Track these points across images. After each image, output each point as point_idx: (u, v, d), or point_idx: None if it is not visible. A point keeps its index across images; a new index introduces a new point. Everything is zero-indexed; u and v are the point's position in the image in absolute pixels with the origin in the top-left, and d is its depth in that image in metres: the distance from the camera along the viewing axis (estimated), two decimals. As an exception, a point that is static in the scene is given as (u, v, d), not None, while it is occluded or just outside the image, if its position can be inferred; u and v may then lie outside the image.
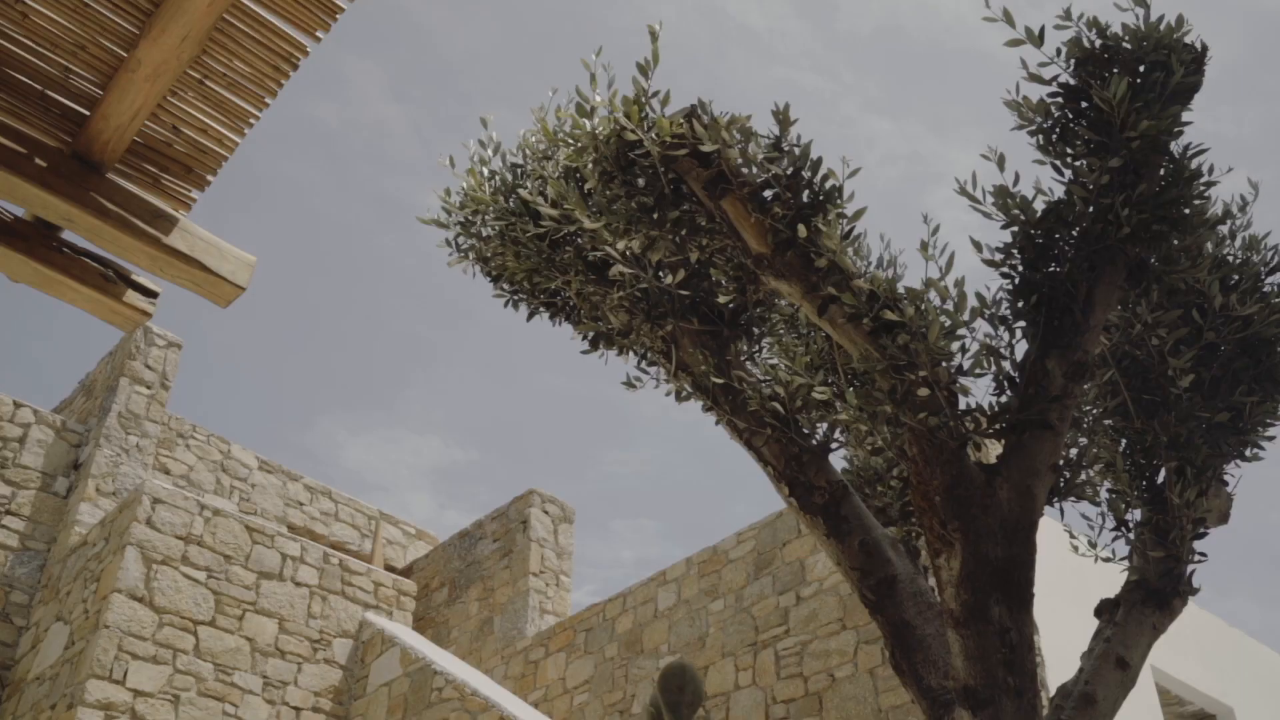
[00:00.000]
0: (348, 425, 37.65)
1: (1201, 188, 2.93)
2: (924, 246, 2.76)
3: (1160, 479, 3.36)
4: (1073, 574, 5.54)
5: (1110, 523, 3.30)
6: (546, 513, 13.58)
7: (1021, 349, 2.96)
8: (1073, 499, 3.17)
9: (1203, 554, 3.32)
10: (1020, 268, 2.90)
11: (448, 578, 14.14)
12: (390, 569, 14.34)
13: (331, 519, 13.92)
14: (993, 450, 2.90)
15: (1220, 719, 9.57)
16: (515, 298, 3.84)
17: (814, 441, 3.34)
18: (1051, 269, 2.88)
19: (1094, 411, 3.31)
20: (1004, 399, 2.93)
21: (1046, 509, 2.92)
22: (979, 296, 2.95)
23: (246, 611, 10.02)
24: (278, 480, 13.44)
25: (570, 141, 3.14)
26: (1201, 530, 3.31)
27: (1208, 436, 3.18)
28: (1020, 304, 2.91)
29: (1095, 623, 3.34)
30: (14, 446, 11.11)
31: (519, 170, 3.69)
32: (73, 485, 11.33)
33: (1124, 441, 3.35)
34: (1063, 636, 7.54)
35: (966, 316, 2.70)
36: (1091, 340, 2.86)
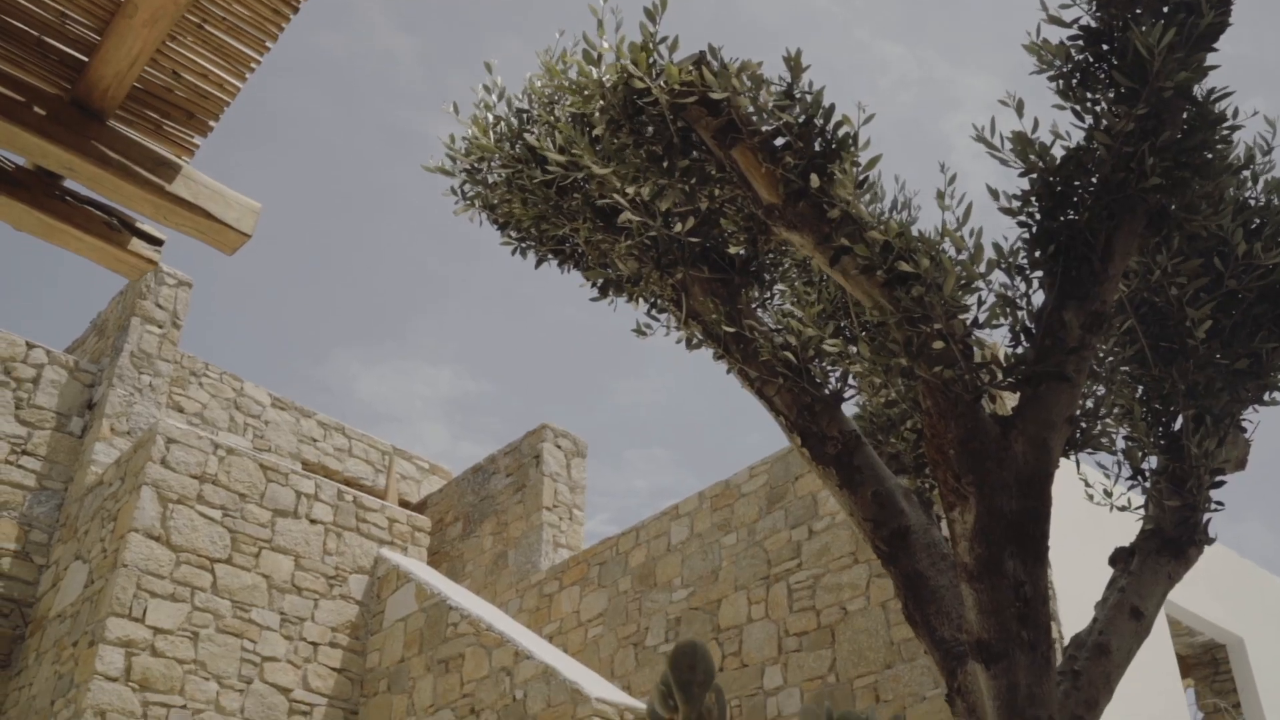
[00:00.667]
0: (361, 358, 37.75)
1: (1225, 131, 2.85)
2: (940, 196, 2.70)
3: (1177, 425, 3.32)
4: (1088, 522, 5.53)
5: (1126, 471, 3.27)
6: (559, 447, 13.61)
7: (1038, 299, 2.91)
8: (1089, 451, 3.13)
9: (1219, 503, 3.29)
10: (1038, 216, 2.84)
11: (461, 512, 14.22)
12: (404, 504, 14.43)
13: (345, 455, 13.98)
14: (1008, 401, 2.86)
15: (1230, 649, 9.62)
16: (523, 245, 3.79)
17: (826, 391, 3.30)
18: (1070, 217, 2.82)
19: (1110, 359, 3.26)
20: (1020, 350, 2.88)
21: (1062, 460, 2.89)
22: (995, 247, 2.89)
23: (263, 549, 10.10)
24: (291, 417, 13.48)
25: (577, 89, 3.07)
26: (1219, 479, 3.27)
27: (1226, 383, 3.13)
28: (1037, 253, 2.86)
29: (1110, 571, 3.32)
30: (28, 387, 11.14)
31: (525, 116, 3.62)
32: (87, 425, 11.38)
33: (1141, 389, 3.30)
34: (1077, 585, 7.56)
35: (983, 268, 2.64)
36: (1109, 290, 2.80)
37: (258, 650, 9.75)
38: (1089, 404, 3.17)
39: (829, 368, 3.40)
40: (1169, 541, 3.22)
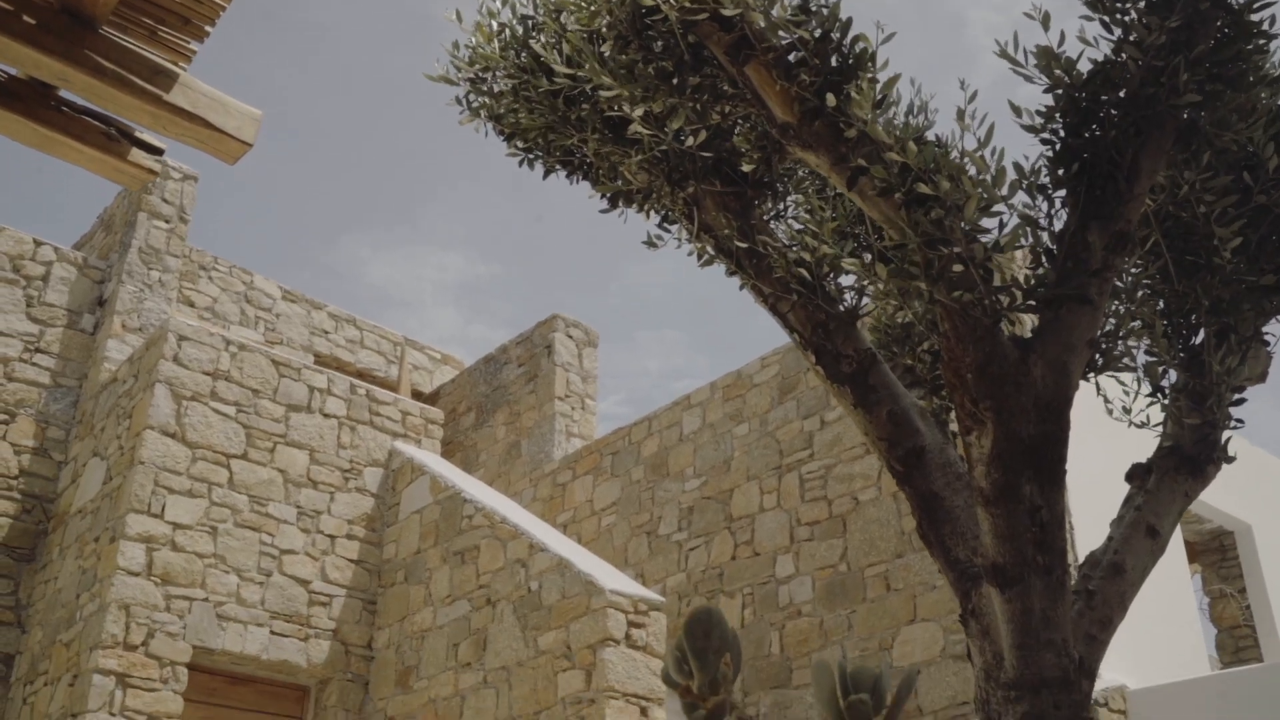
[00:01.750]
0: (371, 243, 37.60)
1: (1261, 42, 2.73)
2: (960, 115, 2.60)
3: (1199, 339, 3.27)
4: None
5: (1146, 388, 3.22)
6: (570, 337, 13.60)
7: (1060, 220, 2.82)
8: (1110, 373, 3.08)
9: (1239, 420, 3.25)
10: (1062, 133, 2.74)
11: (474, 402, 14.28)
12: (417, 394, 14.49)
13: (357, 346, 14.00)
14: (1028, 323, 2.80)
15: (1238, 536, 9.69)
16: (530, 156, 3.69)
17: (841, 308, 3.24)
18: (1095, 133, 2.72)
19: (1132, 276, 3.19)
20: (1040, 272, 2.81)
21: (1081, 383, 2.84)
22: (1016, 166, 2.79)
23: (277, 444, 10.17)
24: (302, 309, 13.46)
25: (582, 5, 2.95)
26: (1239, 397, 3.23)
27: (1251, 299, 3.07)
28: (1060, 171, 2.77)
29: (1125, 489, 3.30)
30: (38, 285, 11.12)
31: (530, 23, 3.50)
32: (99, 322, 11.38)
33: (1162, 303, 3.24)
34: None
35: (1004, 191, 2.56)
36: (1134, 209, 2.72)
37: (276, 544, 9.88)
38: (1110, 324, 3.11)
39: (844, 285, 3.34)
40: (1187, 459, 3.19)
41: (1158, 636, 7.61)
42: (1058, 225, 2.81)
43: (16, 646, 10.21)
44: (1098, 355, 3.02)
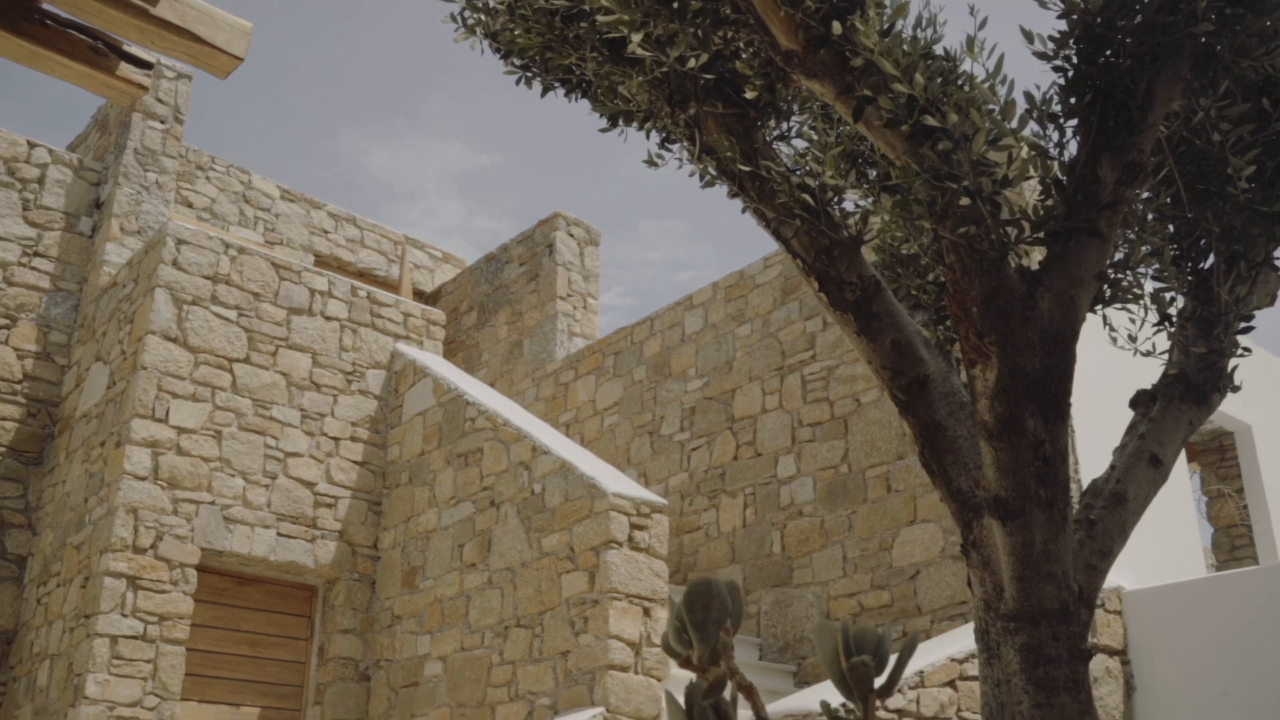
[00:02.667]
0: (372, 134, 37.17)
1: (1284, -37, 2.63)
2: (970, 44, 2.52)
3: (1208, 263, 3.22)
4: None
5: (1153, 317, 3.18)
6: (572, 235, 13.50)
7: (1071, 150, 2.75)
8: (1117, 305, 3.03)
9: (1246, 349, 3.21)
10: (1075, 60, 2.66)
11: (476, 301, 14.25)
12: (418, 294, 14.45)
13: (358, 245, 13.91)
14: (1035, 254, 2.75)
15: (1238, 436, 9.73)
16: (527, 74, 3.60)
17: (845, 234, 3.19)
18: (1109, 60, 2.63)
19: (1143, 204, 3.12)
20: (1050, 203, 2.75)
21: (1089, 315, 2.81)
22: (1027, 96, 2.71)
23: (279, 347, 10.17)
24: (301, 209, 13.35)
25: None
26: (1247, 326, 3.19)
27: (1264, 227, 3.01)
28: (1073, 100, 2.69)
29: (1129, 415, 3.28)
30: (33, 188, 11.00)
31: (526, -64, 3.38)
32: (97, 225, 11.29)
33: (1172, 228, 3.18)
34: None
35: (1014, 124, 2.49)
36: (1148, 139, 2.65)
37: (280, 447, 9.94)
38: (1120, 254, 3.05)
39: (848, 210, 3.27)
40: (1192, 387, 3.17)
41: (1155, 537, 7.68)
42: (1068, 155, 2.74)
43: (28, 548, 10.34)
44: (1106, 287, 2.97)
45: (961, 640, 6.80)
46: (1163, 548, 8.06)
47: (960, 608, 8.30)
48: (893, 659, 1.76)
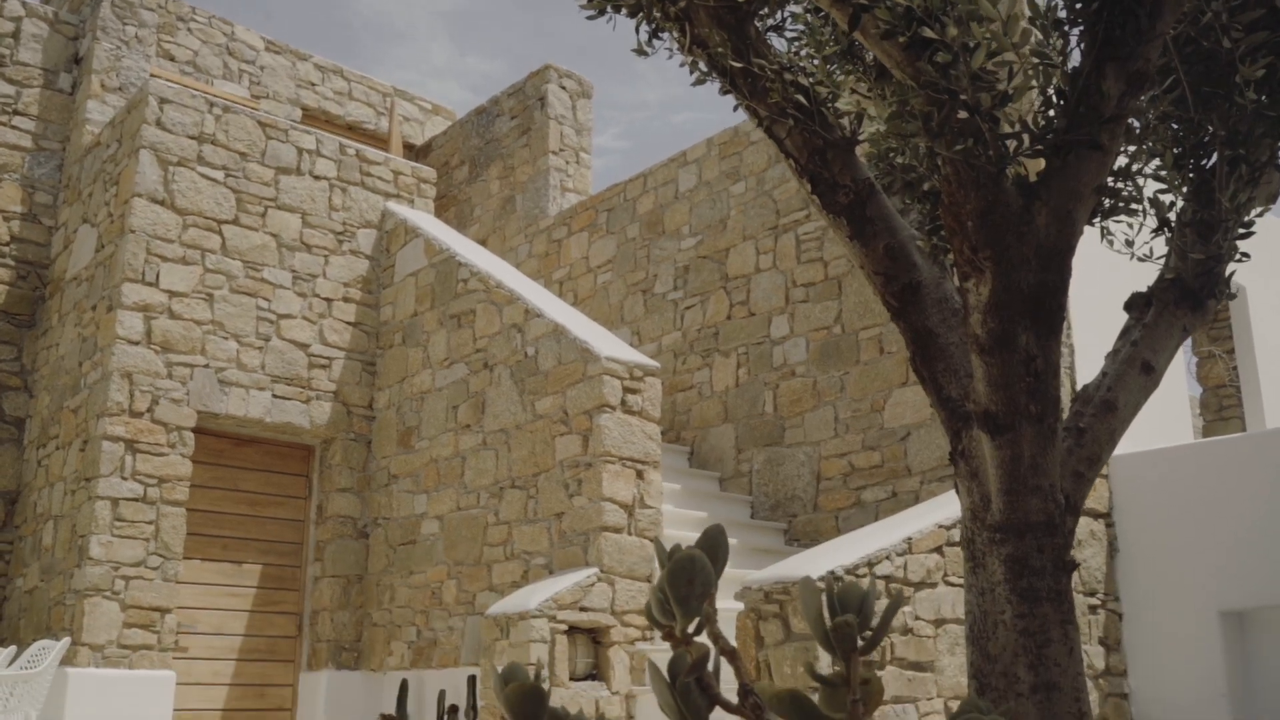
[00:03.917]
0: (354, -26, 36.10)
1: None
2: (974, -49, 2.40)
3: (1210, 163, 3.14)
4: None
5: (1151, 222, 3.12)
6: (564, 88, 13.22)
7: (1075, 60, 2.65)
8: (1116, 219, 2.97)
9: (1245, 254, 3.17)
10: (1081, -36, 2.54)
11: (467, 155, 14.03)
12: (408, 147, 14.21)
13: (345, 98, 13.62)
14: (1034, 167, 2.68)
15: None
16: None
17: (839, 135, 3.10)
18: (1117, -36, 2.52)
19: (1149, 111, 3.02)
20: (1051, 113, 2.66)
21: (1086, 227, 2.75)
22: (1031, 3, 2.60)
23: (268, 208, 10.04)
24: (287, 61, 13.01)
25: None
26: (1248, 232, 3.13)
27: (1269, 130, 2.93)
28: (1078, 5, 2.58)
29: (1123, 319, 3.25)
30: (9, 43, 10.69)
31: None
32: (76, 81, 11.02)
33: (1175, 127, 3.09)
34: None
35: (1016, 38, 2.39)
36: (1154, 49, 2.55)
37: (273, 309, 9.91)
38: (1121, 162, 2.97)
39: (842, 110, 3.18)
40: (1188, 292, 3.13)
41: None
42: (1072, 65, 2.64)
43: (26, 411, 10.41)
44: (1105, 200, 2.90)
45: (949, 506, 6.90)
46: (1150, 410, 8.12)
47: (950, 469, 8.41)
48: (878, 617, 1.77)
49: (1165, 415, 8.02)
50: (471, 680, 7.48)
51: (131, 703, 8.42)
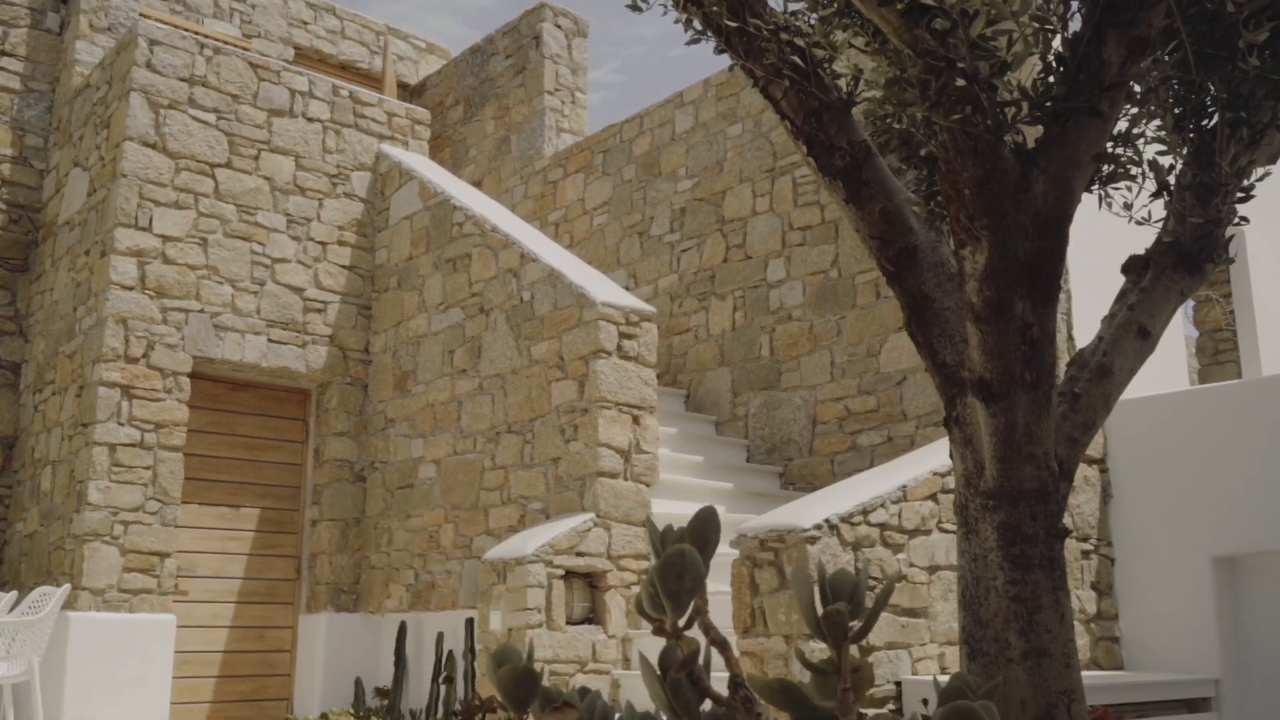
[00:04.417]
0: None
1: None
2: (973, -85, 2.34)
3: (1211, 123, 3.10)
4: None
5: (1151, 185, 3.09)
6: (559, 27, 13.05)
7: (1076, 25, 2.60)
8: (1115, 186, 2.93)
9: (1244, 218, 3.14)
10: (1084, -72, 2.48)
11: (462, 95, 13.89)
12: (402, 87, 14.06)
13: (338, 37, 13.45)
14: (1032, 134, 2.64)
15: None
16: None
17: (836, 96, 3.06)
18: (1120, -73, 2.46)
19: (1151, 74, 2.98)
20: (1051, 80, 2.62)
21: (1085, 194, 2.72)
22: (1032, -32, 2.55)
23: (261, 151, 9.96)
24: (277, -1, 12.82)
25: None
26: (1248, 195, 3.10)
27: (1271, 93, 2.89)
28: (1080, -31, 2.53)
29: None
30: (-7, -19, 10.53)
31: None
32: (64, 21, 10.86)
33: (1176, 85, 3.05)
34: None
35: (1016, 6, 2.34)
36: (1156, 14, 2.51)
37: (267, 253, 9.87)
38: (1120, 127, 2.93)
39: (839, 72, 3.13)
40: (1186, 256, 3.11)
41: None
42: (1072, 30, 2.59)
43: (21, 355, 10.39)
44: (1104, 166, 2.87)
45: (943, 453, 6.92)
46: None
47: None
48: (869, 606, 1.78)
49: (1161, 360, 8.02)
50: (469, 623, 7.58)
51: (133, 646, 8.50)
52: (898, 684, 6.02)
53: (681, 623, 1.59)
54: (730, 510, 8.74)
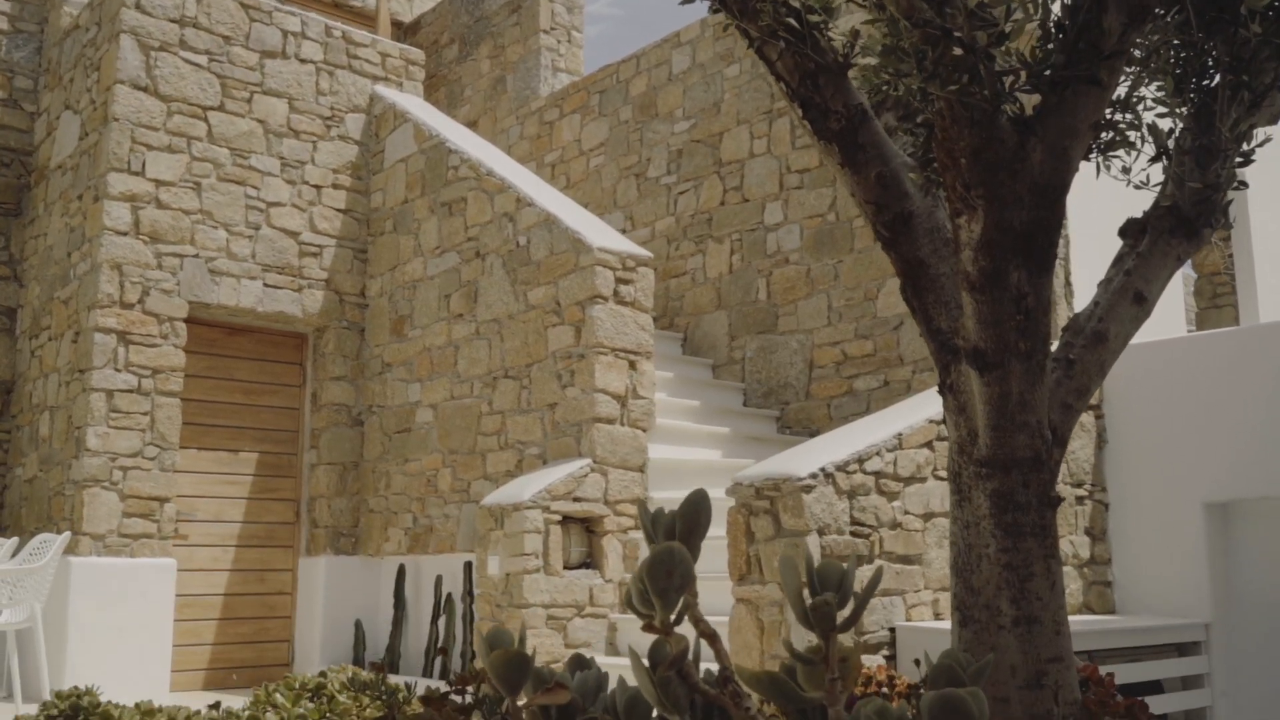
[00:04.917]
0: None
1: None
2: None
3: (1213, 83, 3.06)
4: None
5: (1150, 150, 3.05)
6: (554, -37, 12.86)
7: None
8: (1114, 155, 2.90)
9: (1243, 182, 3.11)
10: (1086, -107, 2.43)
11: (457, 34, 13.72)
12: (396, 25, 13.89)
13: (330, -27, 13.23)
14: (1030, 102, 2.61)
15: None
16: None
17: (832, 59, 3.01)
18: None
19: (1153, 38, 2.93)
20: (1050, 47, 2.58)
21: (1083, 163, 2.69)
22: (1031, -67, 2.50)
23: (254, 93, 9.85)
24: (267, -66, 12.60)
25: None
26: (1248, 159, 3.07)
27: (1272, 51, 2.85)
28: (1081, -66, 2.48)
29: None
30: (-22, -80, 10.33)
31: None
32: (50, -41, 10.68)
33: (1177, 43, 3.00)
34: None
35: (1015, -23, 2.30)
36: (1158, -20, 2.47)
37: (261, 196, 9.80)
38: (1120, 93, 2.89)
39: (835, 35, 3.08)
40: (1184, 220, 3.08)
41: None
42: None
43: (16, 300, 10.36)
44: (1102, 135, 2.84)
45: (939, 401, 6.93)
46: (1145, 302, 8.10)
47: (941, 361, 8.43)
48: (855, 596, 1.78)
49: (1159, 306, 8.01)
50: (468, 567, 7.62)
51: (134, 590, 8.57)
52: (891, 630, 6.08)
53: (672, 618, 1.60)
54: (726, 455, 8.77)
